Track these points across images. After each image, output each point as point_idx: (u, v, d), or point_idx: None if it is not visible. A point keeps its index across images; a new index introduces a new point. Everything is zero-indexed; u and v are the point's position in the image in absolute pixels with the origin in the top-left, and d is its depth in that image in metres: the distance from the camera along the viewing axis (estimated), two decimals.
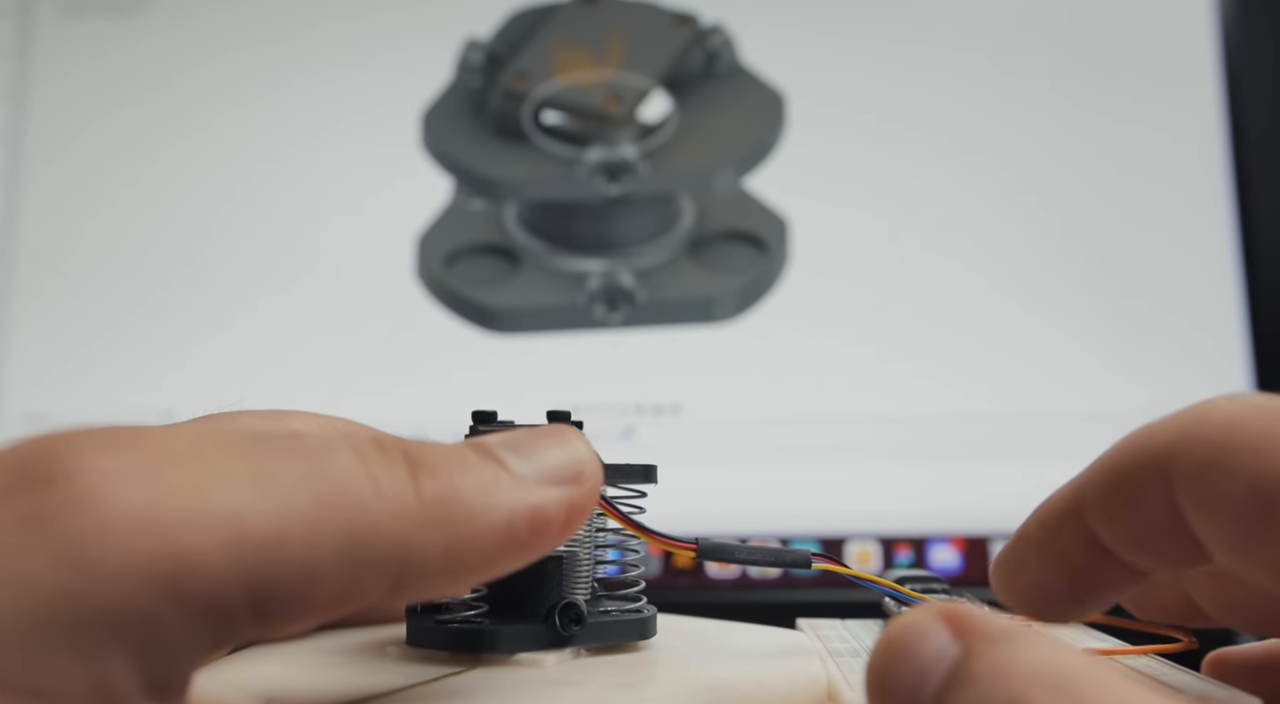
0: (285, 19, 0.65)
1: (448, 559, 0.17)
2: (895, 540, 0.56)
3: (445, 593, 0.18)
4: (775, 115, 0.61)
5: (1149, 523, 0.20)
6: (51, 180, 0.64)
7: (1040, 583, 0.23)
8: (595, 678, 0.22)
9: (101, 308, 0.62)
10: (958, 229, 0.60)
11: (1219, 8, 0.60)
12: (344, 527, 0.16)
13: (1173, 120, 0.60)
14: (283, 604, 0.16)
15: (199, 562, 0.15)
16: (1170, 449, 0.20)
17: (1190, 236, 0.58)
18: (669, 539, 0.24)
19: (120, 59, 0.65)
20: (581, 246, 0.61)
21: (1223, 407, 0.19)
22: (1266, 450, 0.18)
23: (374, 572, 0.17)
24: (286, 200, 0.63)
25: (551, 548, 0.19)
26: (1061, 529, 0.22)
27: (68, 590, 0.15)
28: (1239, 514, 0.18)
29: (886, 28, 0.62)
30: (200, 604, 0.15)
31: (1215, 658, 0.25)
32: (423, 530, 0.17)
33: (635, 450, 0.57)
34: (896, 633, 0.16)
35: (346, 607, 0.17)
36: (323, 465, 0.17)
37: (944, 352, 0.58)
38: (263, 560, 0.16)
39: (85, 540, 0.15)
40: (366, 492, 0.17)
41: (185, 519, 0.15)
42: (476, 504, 0.18)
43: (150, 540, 0.15)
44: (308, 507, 0.16)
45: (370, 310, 0.61)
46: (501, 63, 0.63)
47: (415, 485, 0.17)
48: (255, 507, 0.16)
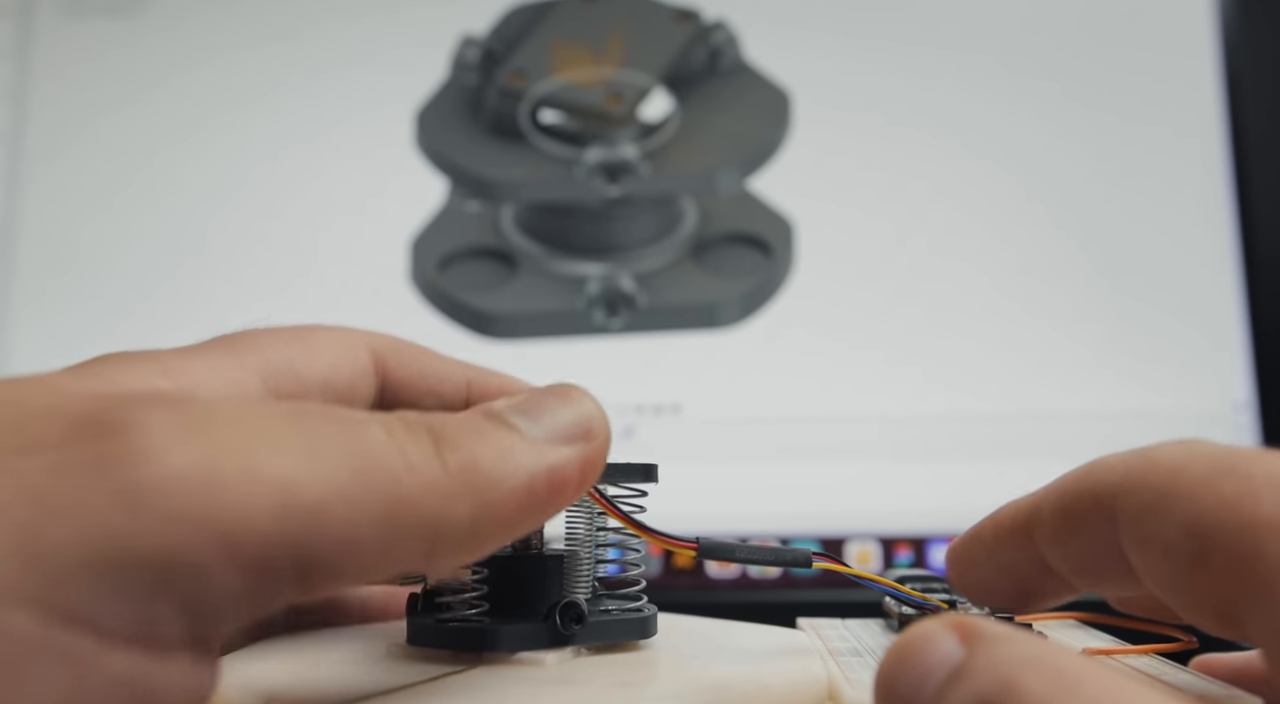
0: (285, 19, 0.65)
1: (474, 526, 0.18)
2: (895, 540, 0.56)
3: (471, 557, 0.19)
4: (780, 114, 0.61)
5: (1091, 553, 0.22)
6: (51, 180, 0.64)
7: (986, 581, 0.25)
8: (596, 677, 0.22)
9: (101, 308, 0.62)
10: (960, 231, 0.60)
11: (1219, 8, 0.60)
12: (380, 501, 0.17)
13: (1172, 122, 0.60)
14: (323, 571, 0.17)
15: (252, 523, 0.16)
16: (1116, 490, 0.21)
17: (1191, 237, 0.59)
18: (670, 538, 0.24)
19: (120, 59, 0.65)
20: (580, 249, 0.60)
21: (1169, 453, 0.20)
22: (1203, 497, 0.19)
23: (408, 543, 0.17)
24: (285, 201, 0.63)
25: (568, 504, 0.20)
26: (1011, 541, 0.24)
27: (125, 533, 0.15)
28: (1173, 556, 0.19)
29: (891, 28, 0.62)
30: (250, 564, 0.16)
31: (1201, 663, 0.25)
32: (451, 502, 0.18)
33: (635, 450, 0.57)
34: (906, 639, 0.16)
35: (381, 574, 0.18)
36: (357, 440, 0.18)
37: (944, 352, 0.58)
38: (308, 528, 0.16)
39: (144, 489, 0.16)
40: (399, 466, 0.18)
41: (240, 480, 0.16)
42: (497, 472, 0.18)
43: (207, 497, 0.16)
44: (346, 479, 0.17)
45: (367, 313, 0.61)
46: (498, 60, 0.63)
47: (441, 459, 0.18)
48: (303, 475, 0.17)
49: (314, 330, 0.25)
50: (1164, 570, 0.20)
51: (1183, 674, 0.23)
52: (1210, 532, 0.19)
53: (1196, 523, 0.19)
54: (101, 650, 0.15)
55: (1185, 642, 0.25)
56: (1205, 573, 0.19)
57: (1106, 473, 0.21)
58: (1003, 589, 0.24)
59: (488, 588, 0.24)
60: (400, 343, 0.27)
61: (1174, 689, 0.22)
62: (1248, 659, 0.26)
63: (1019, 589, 0.24)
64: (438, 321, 0.61)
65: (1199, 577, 0.19)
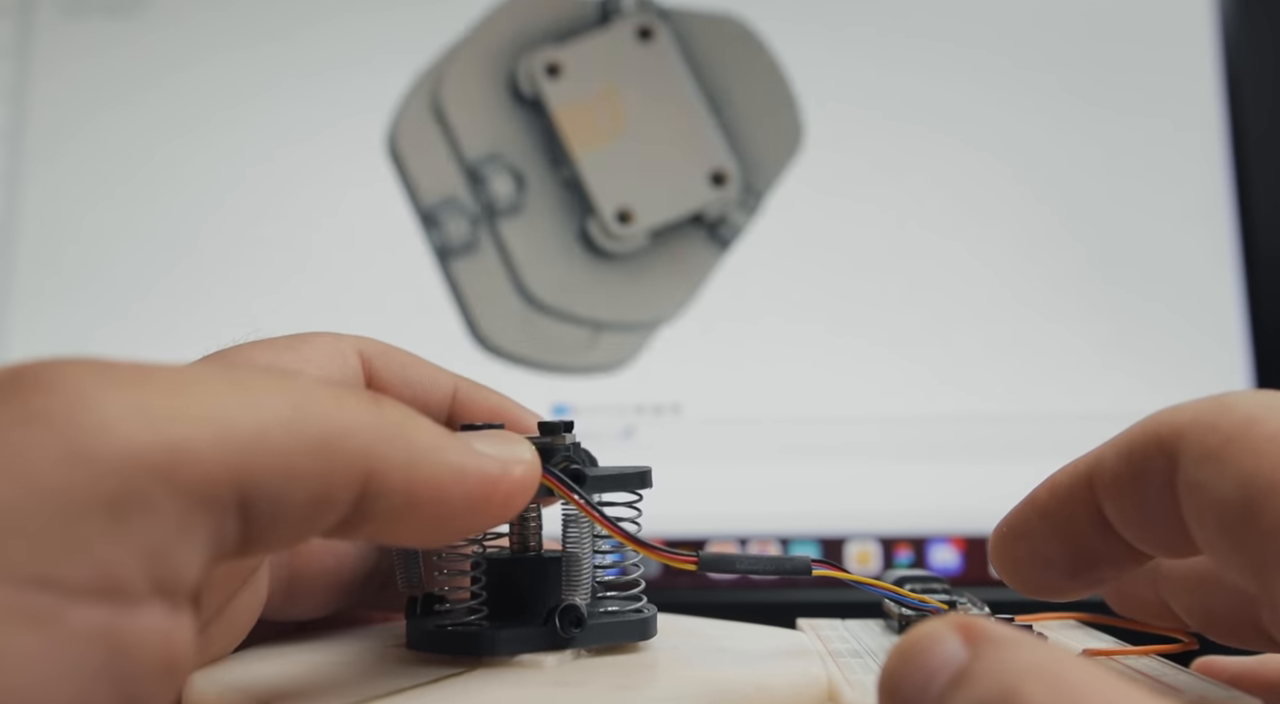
0: (285, 19, 0.65)
1: (408, 482, 0.19)
2: (895, 540, 0.56)
3: (406, 531, 0.20)
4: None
5: (1150, 501, 0.21)
6: (51, 180, 0.64)
7: (1040, 551, 0.23)
8: (596, 679, 0.22)
9: (101, 305, 0.62)
10: (960, 228, 0.60)
11: (1219, 7, 0.60)
12: (316, 427, 0.18)
13: (1173, 123, 0.60)
14: (265, 500, 0.17)
15: (189, 450, 0.16)
16: (1182, 432, 0.20)
17: (1191, 237, 0.58)
18: (669, 553, 0.24)
19: (120, 59, 0.65)
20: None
21: (1245, 401, 0.20)
22: (1267, 454, 0.18)
23: (343, 474, 0.18)
24: (282, 199, 0.63)
25: (497, 517, 0.21)
26: (1071, 497, 0.22)
27: (69, 482, 0.16)
28: (1222, 507, 0.19)
29: (896, 23, 0.62)
30: (192, 492, 0.16)
31: (1202, 665, 0.25)
32: (385, 443, 0.19)
33: (635, 450, 0.57)
34: (911, 639, 0.16)
35: (320, 515, 0.18)
36: (293, 382, 0.19)
37: (944, 351, 0.58)
38: (246, 453, 0.17)
39: (83, 434, 0.16)
40: (333, 403, 0.18)
41: (175, 415, 0.17)
42: (431, 443, 0.19)
43: (145, 430, 0.16)
44: (284, 409, 0.18)
45: (364, 312, 0.61)
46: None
47: (378, 407, 0.19)
48: (237, 408, 0.17)
49: (304, 339, 0.26)
50: (1210, 518, 0.19)
51: (1183, 675, 0.23)
52: (1264, 491, 0.18)
53: (1252, 479, 0.18)
54: (66, 606, 0.15)
55: (1186, 643, 0.25)
56: (1249, 531, 0.18)
57: (1175, 414, 0.20)
58: (1057, 557, 0.23)
59: (486, 592, 0.24)
60: (388, 348, 0.28)
61: (1177, 692, 0.22)
62: (1248, 661, 0.26)
63: (1074, 554, 0.22)
64: (438, 317, 0.61)
65: (1243, 532, 0.18)
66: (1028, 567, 0.23)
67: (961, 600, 0.27)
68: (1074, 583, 0.23)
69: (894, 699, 0.16)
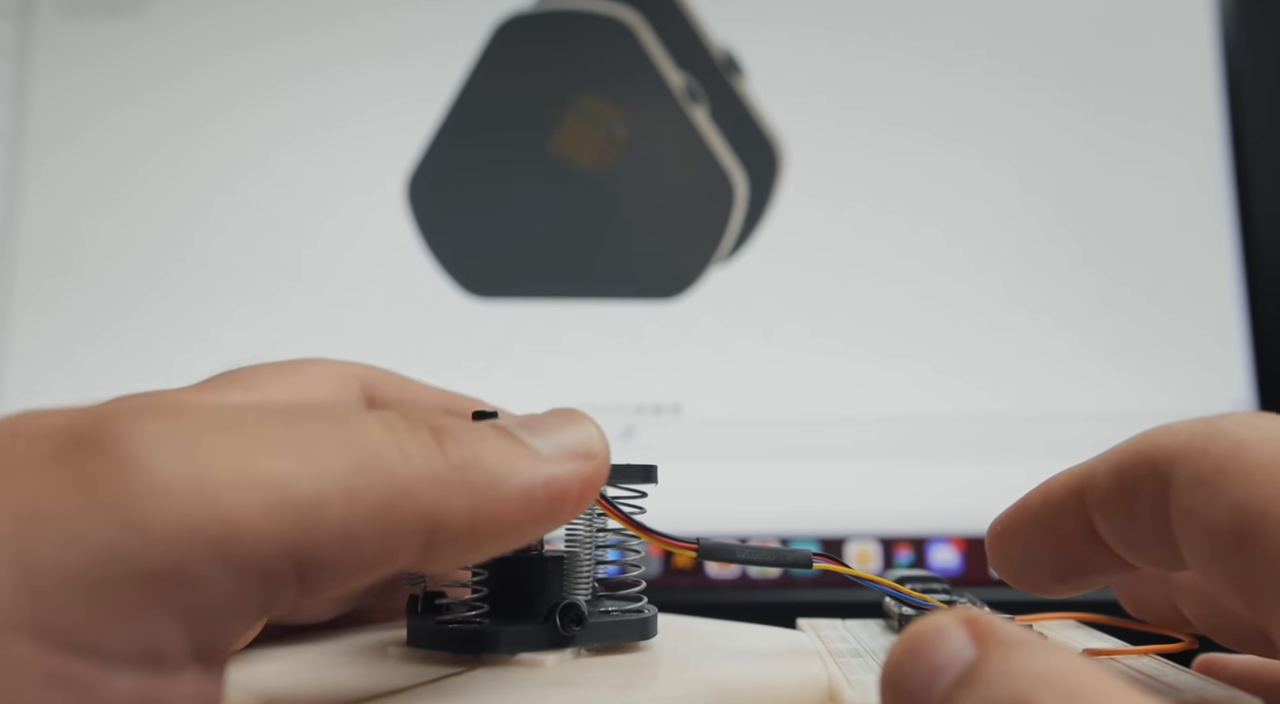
0: (285, 18, 0.65)
1: (472, 523, 0.18)
2: (895, 540, 0.56)
3: (469, 559, 0.19)
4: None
5: (1141, 520, 0.21)
6: (51, 180, 0.64)
7: (1031, 554, 0.23)
8: (596, 678, 0.22)
9: (102, 307, 0.62)
10: (960, 229, 0.60)
11: (1219, 9, 0.60)
12: (378, 491, 0.17)
13: (1172, 124, 0.60)
14: (323, 568, 0.17)
15: (247, 526, 0.16)
16: (1174, 455, 0.20)
17: (1191, 237, 0.58)
18: (670, 539, 0.24)
19: (120, 59, 0.65)
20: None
21: (1236, 425, 0.19)
22: (1259, 482, 0.18)
23: (406, 535, 0.17)
24: (286, 200, 0.63)
25: (566, 520, 0.20)
26: (1062, 509, 0.23)
27: (119, 550, 0.15)
28: (1215, 534, 0.19)
29: (895, 25, 0.62)
30: (248, 568, 0.16)
31: (1203, 663, 0.25)
32: (449, 493, 0.18)
33: (635, 450, 0.57)
34: (917, 632, 0.16)
35: (380, 571, 0.17)
36: (354, 433, 0.17)
37: (944, 351, 0.58)
38: (305, 524, 0.16)
39: (136, 503, 0.15)
40: (396, 457, 0.17)
41: (232, 484, 0.16)
42: (498, 470, 0.18)
43: (200, 505, 0.15)
44: (344, 472, 0.17)
45: (365, 312, 0.61)
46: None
47: (441, 450, 0.18)
48: (297, 472, 0.16)
49: (307, 364, 0.26)
50: (1203, 545, 0.19)
51: (1183, 675, 0.23)
52: (1257, 518, 0.18)
53: (1245, 506, 0.18)
54: (106, 675, 0.15)
55: (1186, 643, 0.25)
56: (1242, 558, 0.18)
57: (1168, 437, 0.20)
58: (1046, 561, 0.23)
59: (487, 589, 0.24)
60: (383, 372, 0.28)
61: (1177, 692, 0.22)
62: (1249, 661, 0.26)
63: (1063, 561, 0.23)
64: (439, 315, 0.61)
65: (1236, 560, 0.18)
66: (1019, 566, 0.24)
67: (961, 600, 0.27)
68: (1063, 586, 0.24)
69: (897, 693, 0.16)
